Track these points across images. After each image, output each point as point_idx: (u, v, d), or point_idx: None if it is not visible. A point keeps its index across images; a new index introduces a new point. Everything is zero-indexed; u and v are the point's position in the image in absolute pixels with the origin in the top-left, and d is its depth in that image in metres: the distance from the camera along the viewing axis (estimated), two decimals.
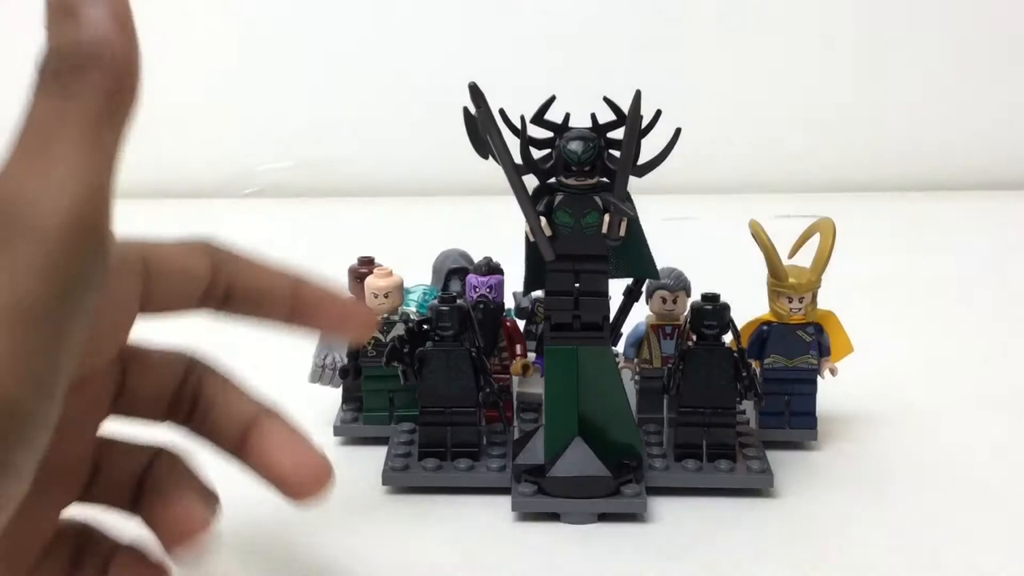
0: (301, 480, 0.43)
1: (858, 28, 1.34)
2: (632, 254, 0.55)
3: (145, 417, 0.43)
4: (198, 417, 0.43)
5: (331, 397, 0.65)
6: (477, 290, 0.62)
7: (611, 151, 0.52)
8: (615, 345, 0.62)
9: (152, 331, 0.42)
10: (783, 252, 0.61)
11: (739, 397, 0.58)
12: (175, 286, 0.40)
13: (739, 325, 0.59)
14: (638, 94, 0.50)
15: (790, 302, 0.60)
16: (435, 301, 0.58)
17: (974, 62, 1.34)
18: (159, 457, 0.43)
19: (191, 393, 0.43)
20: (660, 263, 0.58)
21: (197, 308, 0.42)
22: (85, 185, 0.31)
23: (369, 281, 0.62)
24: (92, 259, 0.32)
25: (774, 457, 0.58)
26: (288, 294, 0.43)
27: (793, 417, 0.62)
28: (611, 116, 0.53)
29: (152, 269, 0.40)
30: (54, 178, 0.31)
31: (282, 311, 0.43)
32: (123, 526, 0.43)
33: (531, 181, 0.53)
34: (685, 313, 0.62)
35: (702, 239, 1.09)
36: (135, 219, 0.44)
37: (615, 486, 0.54)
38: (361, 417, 0.64)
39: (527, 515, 0.55)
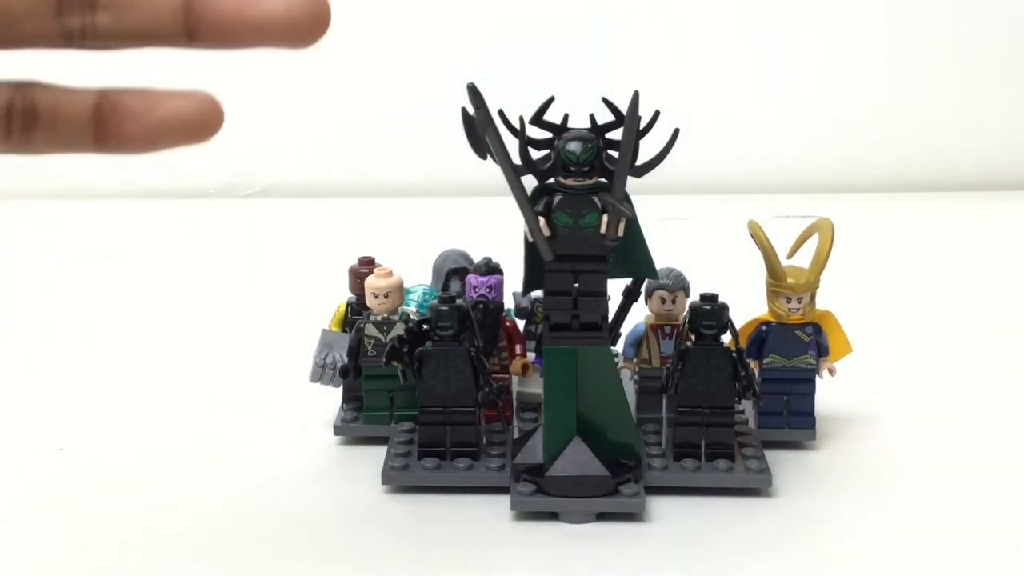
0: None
1: (858, 28, 1.34)
2: (631, 254, 0.55)
3: None
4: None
5: (331, 397, 0.66)
6: (477, 290, 0.63)
7: (610, 151, 0.53)
8: (614, 345, 0.62)
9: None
10: (782, 252, 0.61)
11: (737, 397, 0.58)
12: None
13: (738, 325, 0.59)
14: (636, 95, 0.50)
15: (789, 302, 0.60)
16: (435, 301, 0.58)
17: (974, 62, 1.34)
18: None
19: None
20: (659, 263, 0.58)
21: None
22: None
23: (369, 281, 0.62)
24: None
25: (772, 457, 0.58)
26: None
27: (792, 417, 0.62)
28: (610, 117, 0.53)
29: None
30: None
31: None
32: None
33: (530, 182, 0.53)
34: (684, 313, 0.62)
35: (701, 239, 1.09)
36: (135, 219, 0.44)
37: (614, 486, 0.54)
38: (361, 417, 0.64)
39: (526, 514, 0.55)
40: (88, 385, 0.72)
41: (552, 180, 0.53)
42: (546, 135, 0.53)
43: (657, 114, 0.53)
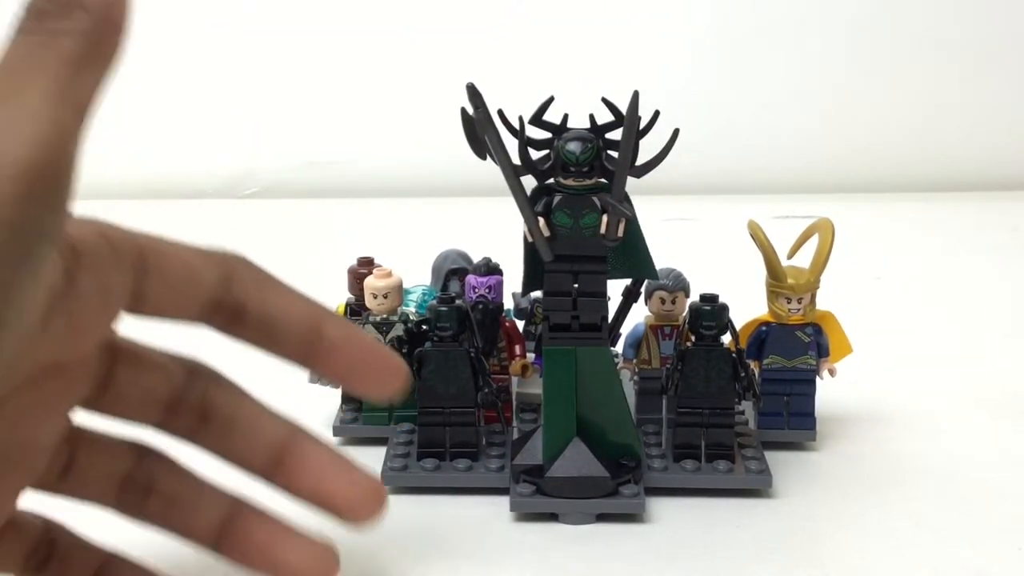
0: (360, 506, 0.41)
1: (858, 28, 1.34)
2: (631, 255, 0.55)
3: (135, 419, 0.41)
4: (214, 433, 0.41)
5: (330, 397, 0.65)
6: (476, 290, 0.62)
7: (609, 152, 0.52)
8: (614, 346, 0.62)
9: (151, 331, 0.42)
10: (782, 252, 0.61)
11: (738, 398, 0.58)
12: (175, 288, 0.38)
13: (738, 326, 0.59)
14: (636, 94, 0.50)
15: (789, 303, 0.60)
16: (434, 301, 0.58)
17: (974, 63, 1.34)
18: (148, 457, 0.41)
19: (198, 402, 0.41)
20: (659, 264, 0.58)
21: (202, 320, 0.39)
22: (47, 133, 0.30)
23: (368, 281, 0.62)
24: (45, 207, 0.30)
25: (772, 458, 0.58)
26: (309, 329, 0.40)
27: (792, 418, 0.62)
28: (609, 117, 0.53)
29: (150, 264, 0.37)
30: (16, 124, 0.30)
31: (299, 347, 0.40)
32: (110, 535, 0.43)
33: (529, 182, 0.53)
34: (684, 314, 0.62)
35: (701, 240, 1.09)
36: (136, 219, 0.44)
37: (613, 486, 0.54)
38: (360, 417, 0.64)
39: (525, 515, 0.55)
40: None
41: (552, 180, 0.53)
42: (546, 135, 0.53)
43: (657, 114, 0.53)
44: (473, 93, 0.51)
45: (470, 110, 0.52)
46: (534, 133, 0.53)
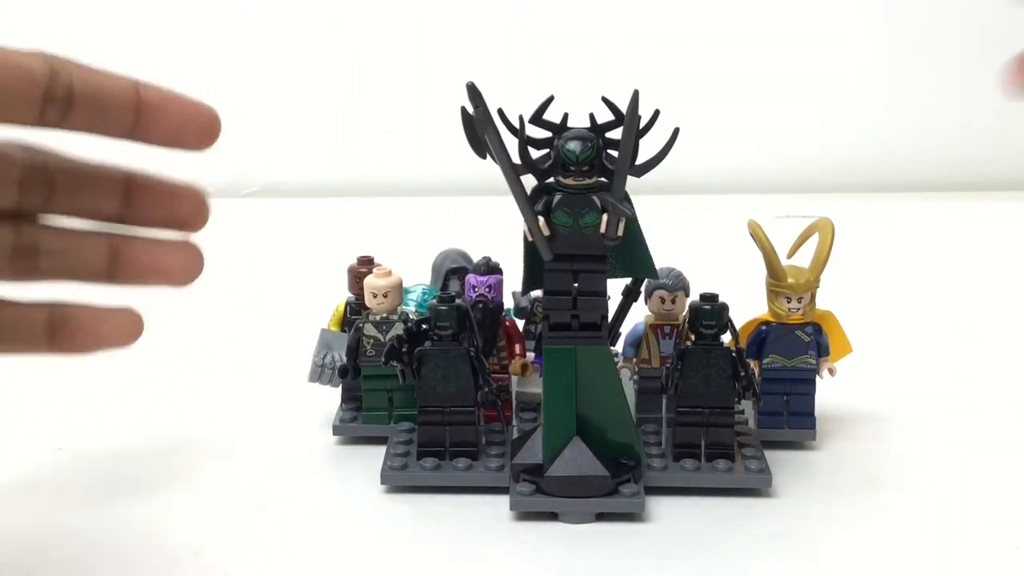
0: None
1: (859, 29, 1.34)
2: (631, 254, 0.55)
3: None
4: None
5: (330, 396, 0.65)
6: (476, 290, 0.63)
7: (609, 151, 0.52)
8: (613, 345, 0.62)
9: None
10: (782, 252, 0.61)
11: (737, 397, 0.58)
12: (11, 84, 0.40)
13: (738, 325, 0.59)
14: (636, 94, 0.50)
15: (789, 302, 0.60)
16: (434, 301, 0.58)
17: (974, 62, 1.34)
18: (26, 225, 0.44)
19: (42, 170, 0.43)
20: (659, 263, 0.58)
21: (39, 121, 0.42)
22: None
23: (368, 280, 0.62)
24: None
25: (772, 457, 0.58)
26: (131, 97, 0.44)
27: (792, 417, 0.62)
28: (609, 116, 0.53)
29: None
30: None
31: (127, 118, 0.44)
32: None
33: (530, 181, 0.53)
34: (684, 313, 0.62)
35: (701, 239, 1.09)
36: None
37: (613, 486, 0.54)
38: (360, 416, 0.64)
39: (525, 514, 0.55)
40: (86, 383, 0.72)
41: (552, 179, 0.53)
42: (546, 134, 0.53)
43: (657, 113, 0.53)
44: (473, 92, 0.51)
45: (470, 109, 0.52)
46: (534, 132, 0.53)
